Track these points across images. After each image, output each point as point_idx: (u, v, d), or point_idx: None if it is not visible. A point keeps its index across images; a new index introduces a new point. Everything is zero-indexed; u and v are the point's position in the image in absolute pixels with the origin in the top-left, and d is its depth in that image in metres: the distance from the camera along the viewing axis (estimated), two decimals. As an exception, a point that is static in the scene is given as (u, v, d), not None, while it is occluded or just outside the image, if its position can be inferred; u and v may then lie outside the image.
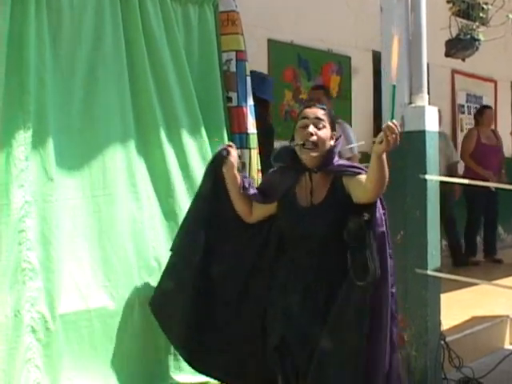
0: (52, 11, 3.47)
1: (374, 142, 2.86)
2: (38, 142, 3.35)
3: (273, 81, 6.10)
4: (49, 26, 3.45)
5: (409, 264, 4.54)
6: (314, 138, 3.24)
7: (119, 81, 3.71)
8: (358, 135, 8.12)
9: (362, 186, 3.15)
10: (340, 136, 3.41)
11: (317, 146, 3.25)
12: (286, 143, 3.43)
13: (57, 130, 3.43)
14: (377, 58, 6.23)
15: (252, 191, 3.46)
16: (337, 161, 3.32)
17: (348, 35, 8.19)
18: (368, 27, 7.13)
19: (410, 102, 4.60)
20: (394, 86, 2.95)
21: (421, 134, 4.52)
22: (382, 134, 2.89)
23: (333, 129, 3.35)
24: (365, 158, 8.29)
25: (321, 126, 3.28)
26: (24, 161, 3.28)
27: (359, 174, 3.24)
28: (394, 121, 2.88)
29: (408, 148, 4.54)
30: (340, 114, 8.27)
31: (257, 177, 4.15)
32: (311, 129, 3.25)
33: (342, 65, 8.44)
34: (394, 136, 2.88)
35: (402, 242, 4.56)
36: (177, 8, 4.06)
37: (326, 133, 3.30)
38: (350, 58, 8.48)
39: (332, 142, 3.33)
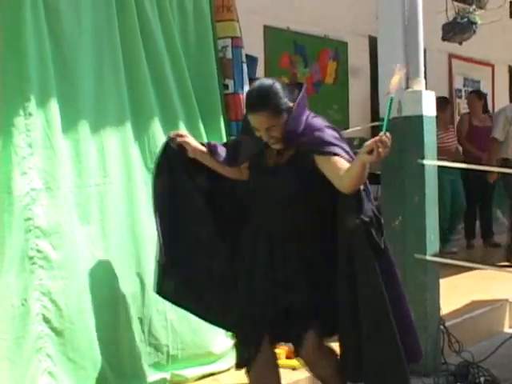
0: (48, 4, 3.43)
1: (372, 128, 2.80)
2: (43, 128, 3.32)
3: (257, 60, 6.04)
4: (45, 13, 3.41)
5: (407, 249, 4.53)
6: (273, 141, 3.11)
7: (114, 69, 3.69)
8: (355, 121, 8.14)
9: (338, 175, 2.99)
10: (298, 96, 3.10)
11: (278, 141, 3.11)
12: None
13: (63, 115, 3.42)
14: (373, 44, 6.21)
15: (221, 156, 3.34)
16: (304, 124, 3.11)
17: (344, 21, 8.16)
18: (365, 12, 7.10)
19: (407, 87, 4.58)
20: (392, 99, 2.78)
21: (418, 119, 4.51)
22: (369, 143, 2.75)
23: (281, 111, 3.05)
24: (361, 143, 8.30)
25: (273, 128, 3.06)
26: (26, 148, 3.24)
27: (335, 154, 3.03)
28: (388, 134, 2.73)
29: (405, 133, 4.53)
30: (337, 100, 8.28)
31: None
32: (266, 138, 3.10)
33: (339, 50, 8.42)
34: (386, 150, 2.74)
35: (400, 227, 4.56)
36: (172, -6, 4.03)
37: (280, 128, 3.07)
38: (346, 44, 8.45)
39: (286, 117, 3.08)
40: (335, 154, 3.02)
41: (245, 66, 4.21)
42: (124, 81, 3.73)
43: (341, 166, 2.98)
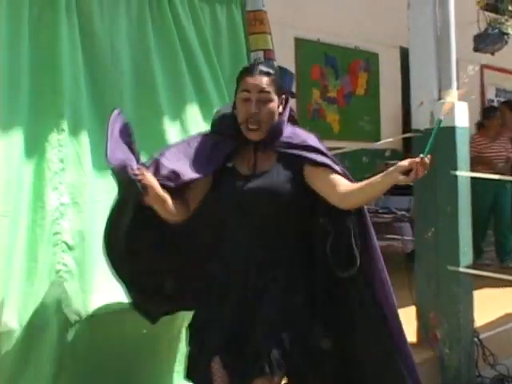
0: (83, 14, 3.48)
1: (404, 140, 2.71)
2: (73, 144, 3.36)
3: (293, 76, 6.05)
4: (80, 29, 3.46)
5: (440, 261, 4.51)
6: (258, 117, 2.79)
7: (155, 84, 3.71)
8: (386, 132, 8.12)
9: (338, 189, 2.78)
10: (288, 97, 2.94)
11: (261, 126, 2.80)
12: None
13: (92, 132, 3.44)
14: (404, 55, 6.19)
15: (174, 181, 2.80)
16: (289, 132, 2.90)
17: (375, 32, 8.15)
18: (396, 23, 7.08)
19: (440, 98, 4.57)
20: (441, 121, 2.68)
21: (451, 130, 4.49)
22: (406, 163, 2.61)
23: (280, 94, 2.86)
24: (392, 154, 8.29)
25: (265, 99, 2.79)
26: (58, 163, 3.30)
27: (327, 165, 2.83)
28: (429, 156, 2.60)
29: (438, 144, 4.47)
30: (368, 111, 8.27)
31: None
32: (254, 108, 2.78)
33: (370, 62, 8.41)
34: (424, 172, 2.61)
35: (433, 238, 4.54)
36: (204, 8, 4.05)
37: (272, 107, 2.82)
38: (377, 55, 8.45)
39: (280, 109, 2.88)
40: (328, 166, 2.83)
41: (277, 79, 4.21)
42: (164, 96, 3.74)
43: (338, 180, 2.81)
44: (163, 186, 2.73)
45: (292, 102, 6.16)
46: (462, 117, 4.55)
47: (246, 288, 2.83)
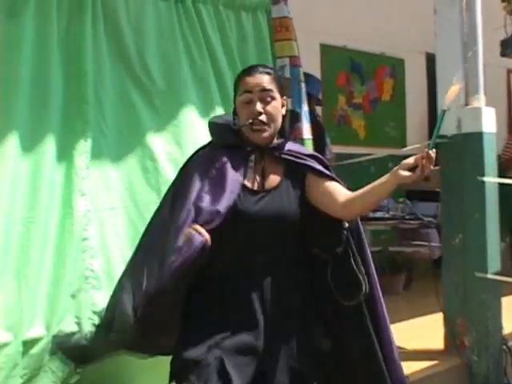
0: (109, 22, 3.52)
1: (426, 147, 2.57)
2: (97, 151, 3.40)
3: (320, 82, 6.02)
4: (106, 37, 3.50)
5: (468, 267, 4.48)
6: (263, 117, 2.63)
7: (180, 91, 3.74)
8: (412, 138, 8.09)
9: (340, 198, 2.63)
10: (285, 102, 2.76)
11: (267, 125, 2.64)
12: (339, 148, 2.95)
13: (115, 139, 3.48)
14: (431, 60, 6.17)
15: (216, 220, 2.53)
16: (290, 143, 2.77)
17: (401, 38, 8.14)
18: (422, 29, 7.07)
19: (467, 104, 4.55)
20: (445, 112, 2.52)
21: (478, 136, 4.47)
22: (412, 160, 2.48)
23: (282, 94, 2.72)
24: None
25: (269, 98, 2.64)
26: (85, 169, 3.34)
27: (329, 177, 2.71)
28: (434, 150, 2.46)
29: (465, 150, 4.50)
30: (394, 117, 8.25)
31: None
32: (258, 107, 2.62)
33: (396, 68, 8.39)
34: (431, 167, 2.46)
35: (460, 245, 4.52)
36: (230, 15, 4.07)
37: (276, 105, 2.67)
38: (403, 61, 8.42)
39: (283, 111, 2.73)
40: (329, 176, 2.71)
41: (303, 85, 4.22)
42: (190, 102, 3.74)
43: (340, 188, 2.68)
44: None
45: (318, 108, 6.20)
46: (489, 122, 4.52)
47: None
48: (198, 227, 2.50)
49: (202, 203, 2.55)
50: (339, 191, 2.66)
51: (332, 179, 2.70)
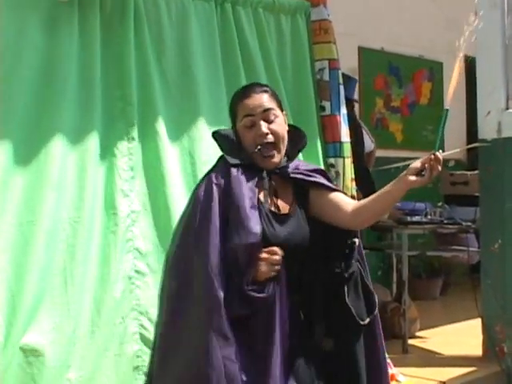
0: (152, 24, 3.54)
1: (468, 150, 2.48)
2: (144, 153, 3.43)
3: (356, 81, 5.98)
4: (150, 39, 3.52)
5: (507, 273, 4.44)
6: (271, 137, 2.49)
7: (217, 91, 3.75)
8: (450, 142, 8.00)
9: (345, 207, 2.53)
10: (286, 118, 2.62)
11: (276, 147, 2.51)
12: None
13: (165, 141, 3.49)
14: (469, 63, 6.11)
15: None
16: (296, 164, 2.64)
17: (440, 40, 8.06)
18: (460, 31, 7.01)
19: (507, 108, 4.50)
20: (448, 111, 2.53)
21: (519, 140, 4.42)
22: (419, 163, 2.40)
23: (282, 109, 2.59)
24: (456, 165, 8.19)
25: (272, 117, 2.50)
26: (128, 171, 3.36)
27: (333, 189, 2.61)
28: (441, 151, 2.40)
29: (506, 154, 4.45)
30: (432, 121, 8.18)
31: (350, 185, 4.11)
32: (264, 128, 2.48)
33: (434, 71, 8.32)
34: (439, 169, 2.38)
35: (499, 250, 4.47)
36: (269, 18, 4.08)
37: (281, 122, 2.54)
38: (441, 64, 8.35)
39: (286, 127, 2.60)
40: (337, 190, 2.64)
41: (341, 88, 4.21)
42: (225, 102, 3.76)
43: (345, 199, 2.60)
44: None
45: (356, 111, 6.17)
46: (531, 126, 4.48)
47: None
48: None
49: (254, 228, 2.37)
50: (346, 201, 2.58)
51: (336, 191, 2.63)
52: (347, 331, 2.53)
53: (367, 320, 2.52)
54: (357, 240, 2.60)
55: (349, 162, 4.13)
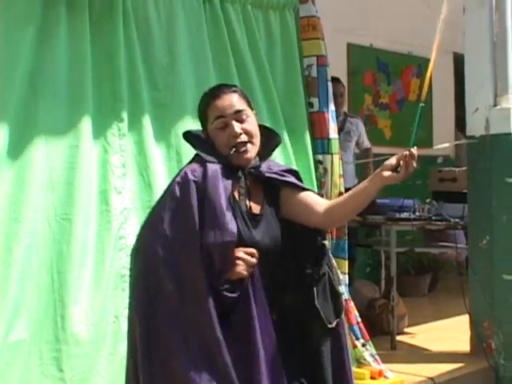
0: (140, 21, 3.53)
1: (456, 146, 2.49)
2: (133, 149, 3.42)
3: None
4: (138, 35, 3.51)
5: (495, 270, 4.45)
6: (244, 137, 2.47)
7: (205, 87, 3.72)
8: (438, 138, 8.03)
9: (317, 208, 2.50)
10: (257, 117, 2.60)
11: (250, 142, 2.48)
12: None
13: (152, 137, 3.48)
14: (458, 61, 6.12)
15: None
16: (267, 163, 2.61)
17: (428, 37, 8.05)
18: (449, 28, 7.02)
19: (495, 105, 4.51)
20: (422, 107, 2.54)
21: (507, 137, 4.43)
22: (394, 160, 2.39)
23: (251, 107, 2.58)
24: (444, 161, 8.21)
25: (244, 117, 2.49)
26: (120, 167, 3.35)
27: (305, 189, 2.59)
28: (415, 148, 2.38)
29: (493, 151, 4.46)
30: (422, 117, 8.20)
31: (339, 182, 4.11)
32: (236, 128, 2.46)
33: (423, 67, 8.33)
34: (414, 165, 2.36)
35: (488, 247, 4.48)
36: (258, 14, 4.08)
37: (252, 121, 2.52)
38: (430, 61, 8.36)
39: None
40: (308, 190, 2.61)
41: (330, 85, 4.21)
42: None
43: (318, 198, 2.58)
44: None
45: (345, 108, 6.18)
46: (518, 123, 4.48)
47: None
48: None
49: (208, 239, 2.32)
50: (318, 201, 2.56)
51: (308, 190, 2.60)
52: (315, 333, 2.50)
53: (334, 323, 2.49)
54: (327, 242, 2.59)
55: (337, 158, 4.13)
